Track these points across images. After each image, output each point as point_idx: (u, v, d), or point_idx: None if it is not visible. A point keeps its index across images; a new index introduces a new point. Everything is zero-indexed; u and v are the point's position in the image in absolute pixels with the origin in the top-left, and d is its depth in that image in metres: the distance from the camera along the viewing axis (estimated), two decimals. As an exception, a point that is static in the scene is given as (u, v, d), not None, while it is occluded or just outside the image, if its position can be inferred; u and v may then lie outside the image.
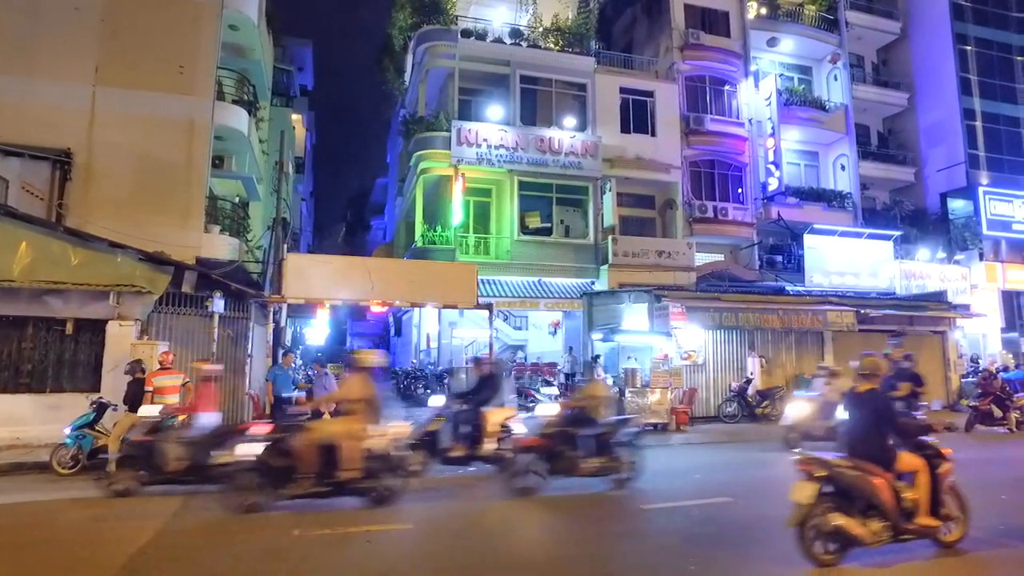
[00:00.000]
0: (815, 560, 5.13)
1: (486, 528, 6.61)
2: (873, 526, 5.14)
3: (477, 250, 19.98)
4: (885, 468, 5.28)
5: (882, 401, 5.61)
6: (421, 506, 7.23)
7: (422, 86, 21.28)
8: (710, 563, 5.35)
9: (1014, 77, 27.39)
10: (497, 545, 6.01)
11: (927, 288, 22.56)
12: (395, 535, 6.24)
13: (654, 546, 5.92)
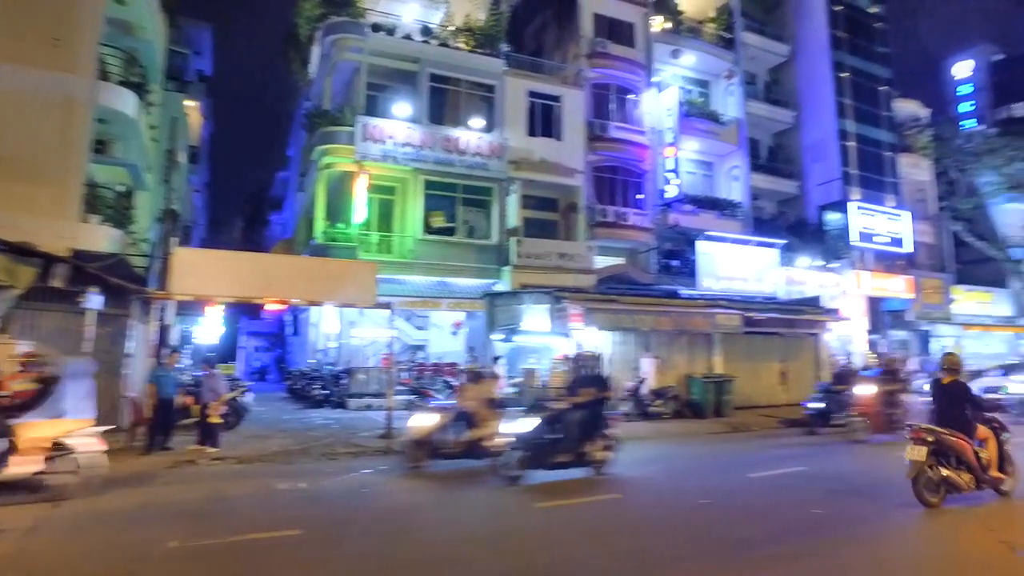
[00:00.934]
0: (926, 503, 6.97)
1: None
2: (965, 477, 7.15)
3: (380, 248, 19.69)
4: (968, 436, 7.26)
5: (965, 388, 7.58)
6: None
7: (328, 79, 20.74)
8: (604, 558, 5.55)
9: (879, 104, 29.96)
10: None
11: (805, 293, 24.22)
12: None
13: (550, 542, 6.05)
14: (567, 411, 8.96)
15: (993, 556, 5.57)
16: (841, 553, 5.64)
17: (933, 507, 6.96)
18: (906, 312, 28.59)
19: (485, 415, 9.52)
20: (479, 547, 5.88)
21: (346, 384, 18.53)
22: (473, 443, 9.37)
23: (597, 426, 9.12)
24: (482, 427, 9.43)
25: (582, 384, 9.59)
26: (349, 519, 6.82)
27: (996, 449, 7.47)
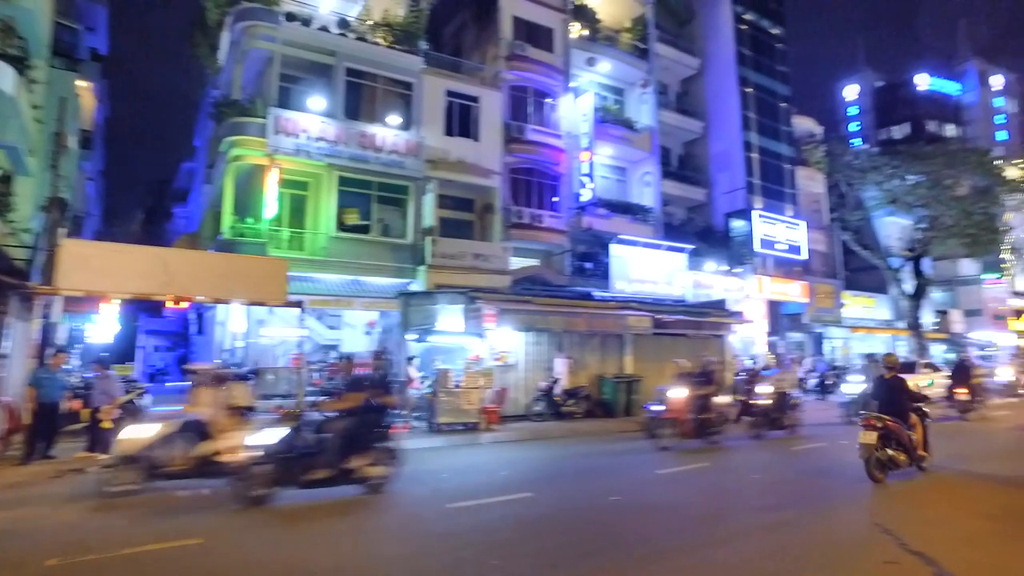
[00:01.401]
0: (876, 479, 8.34)
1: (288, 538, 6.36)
2: (902, 457, 8.68)
3: (291, 245, 19.09)
4: (905, 422, 8.79)
5: (902, 382, 9.15)
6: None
7: (238, 67, 19.89)
8: (513, 557, 5.59)
9: (779, 119, 31.82)
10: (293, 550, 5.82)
11: (712, 296, 25.36)
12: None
13: (461, 543, 6.04)
14: (330, 420, 7.84)
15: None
16: (740, 547, 5.92)
17: (880, 482, 8.37)
18: (802, 315, 30.43)
19: (223, 424, 8.15)
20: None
21: (254, 386, 17.82)
22: (206, 458, 7.93)
23: (368, 437, 7.87)
24: (219, 439, 8.01)
25: (353, 387, 8.25)
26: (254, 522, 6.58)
27: (922, 433, 9.16)
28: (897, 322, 35.49)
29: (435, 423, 14.09)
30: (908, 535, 5.80)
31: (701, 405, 12.28)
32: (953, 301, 42.06)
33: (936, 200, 29.96)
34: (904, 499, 7.79)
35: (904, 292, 32.62)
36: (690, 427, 12.03)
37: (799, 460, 10.76)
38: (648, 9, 28.53)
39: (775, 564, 5.33)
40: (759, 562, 5.39)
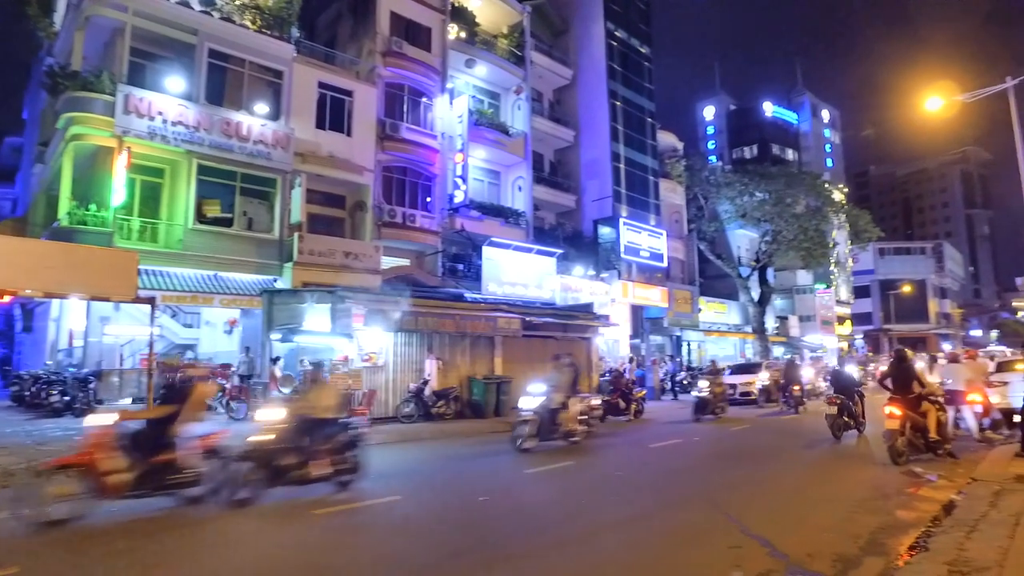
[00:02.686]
0: (837, 438, 11.75)
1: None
2: (852, 422, 12.24)
3: (142, 236, 17.61)
4: (852, 399, 12.73)
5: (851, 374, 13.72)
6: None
7: (79, 34, 17.96)
8: (380, 561, 5.46)
9: (645, 133, 33.69)
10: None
11: (580, 300, 26.30)
12: None
13: (326, 550, 5.81)
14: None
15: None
16: (602, 542, 6.17)
17: (839, 440, 11.83)
18: (663, 319, 32.33)
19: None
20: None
21: (94, 389, 16.25)
22: None
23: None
24: None
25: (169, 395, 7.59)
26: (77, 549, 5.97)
27: (862, 407, 12.83)
28: (745, 326, 38.68)
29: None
30: (751, 522, 6.32)
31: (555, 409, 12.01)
32: (792, 308, 46.55)
33: (778, 216, 33.05)
34: (749, 488, 8.48)
35: (752, 299, 35.65)
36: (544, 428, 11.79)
37: (657, 456, 11.39)
38: (525, 17, 29.16)
39: (632, 555, 5.61)
40: (617, 555, 5.64)
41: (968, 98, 18.94)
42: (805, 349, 42.19)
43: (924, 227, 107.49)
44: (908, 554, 5.24)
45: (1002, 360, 17.40)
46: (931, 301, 66.14)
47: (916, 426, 9.41)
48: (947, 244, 76.90)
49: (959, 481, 8.13)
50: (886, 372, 10.38)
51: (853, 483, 8.44)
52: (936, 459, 9.53)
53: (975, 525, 5.77)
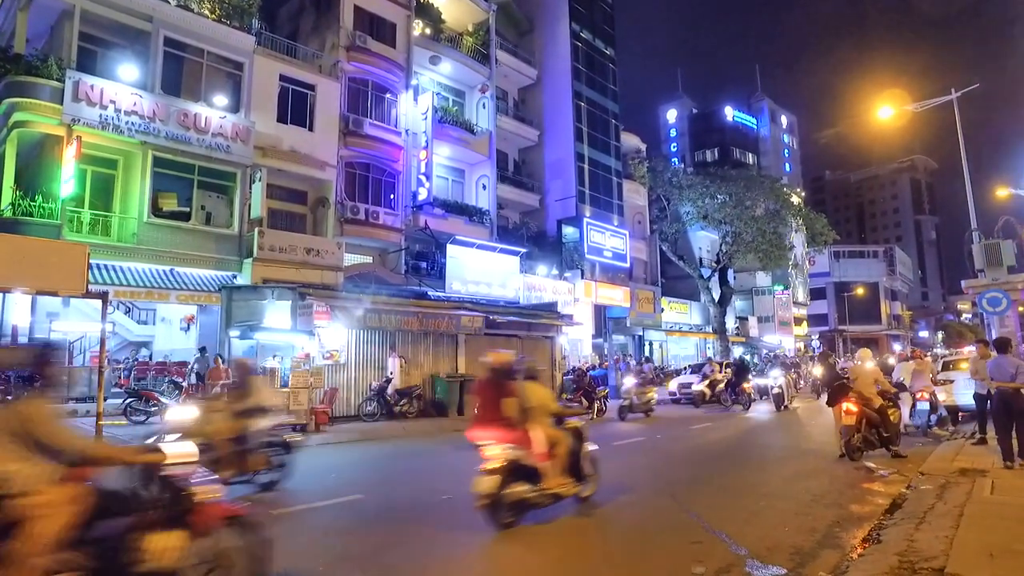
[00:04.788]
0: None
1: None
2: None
3: (94, 229, 17.01)
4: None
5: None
6: None
7: (22, 15, 17.20)
8: (340, 561, 5.36)
9: (609, 134, 33.98)
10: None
11: (543, 299, 26.37)
12: None
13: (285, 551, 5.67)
14: None
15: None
16: (564, 539, 6.18)
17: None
18: (625, 319, 32.63)
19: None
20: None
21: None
22: None
23: None
24: None
25: None
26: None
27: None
28: (706, 326, 39.31)
29: (258, 425, 13.24)
30: (711, 518, 6.41)
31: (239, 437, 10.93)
32: (751, 309, 47.53)
33: (738, 218, 33.65)
34: (710, 484, 8.61)
35: (712, 300, 36.25)
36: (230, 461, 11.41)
37: (619, 454, 11.47)
38: (491, 16, 29.11)
39: (594, 551, 5.65)
40: (580, 551, 5.66)
41: (917, 108, 19.61)
42: (765, 349, 43.15)
43: (876, 231, 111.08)
44: (862, 546, 5.38)
45: (947, 359, 18.12)
46: (883, 303, 68.33)
47: (871, 422, 9.67)
48: (898, 248, 79.55)
49: (909, 475, 8.39)
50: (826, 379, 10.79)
51: (810, 478, 8.63)
52: (888, 454, 9.81)
53: (923, 517, 5.96)
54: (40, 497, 3.29)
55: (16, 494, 3.26)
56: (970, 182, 17.77)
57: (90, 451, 3.60)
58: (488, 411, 6.65)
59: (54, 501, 3.32)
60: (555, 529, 6.28)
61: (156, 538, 3.56)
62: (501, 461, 6.21)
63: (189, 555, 3.69)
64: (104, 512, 3.50)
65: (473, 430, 6.75)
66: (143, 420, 14.60)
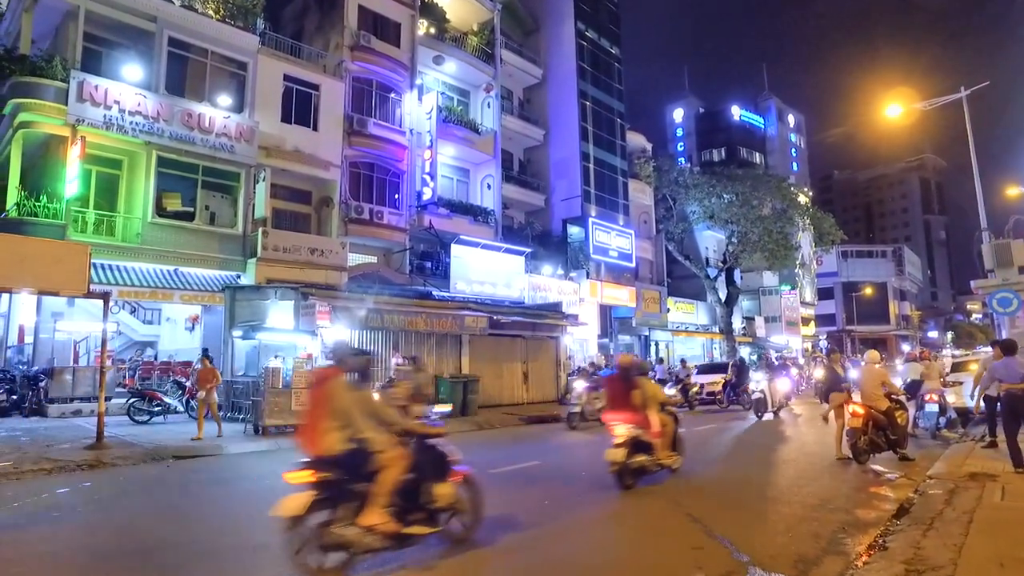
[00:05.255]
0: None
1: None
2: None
3: (98, 230, 17.04)
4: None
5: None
6: None
7: (27, 16, 17.25)
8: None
9: (614, 133, 33.82)
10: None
11: (548, 299, 26.26)
12: None
13: (279, 555, 5.61)
14: None
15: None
16: (563, 543, 6.08)
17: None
18: (631, 319, 32.48)
19: None
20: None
21: (45, 387, 15.72)
22: None
23: None
24: None
25: None
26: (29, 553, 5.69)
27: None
28: (713, 327, 39.10)
29: (261, 425, 13.21)
30: (713, 522, 6.30)
31: None
32: (758, 309, 47.25)
33: (744, 218, 33.46)
34: (712, 488, 8.49)
35: (719, 299, 36.06)
36: None
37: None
38: (496, 15, 29.02)
39: (593, 556, 5.54)
40: (578, 555, 5.56)
41: (925, 106, 19.41)
42: (772, 349, 42.88)
43: (885, 231, 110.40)
44: (867, 554, 5.26)
45: (957, 360, 17.85)
46: (892, 303, 67.88)
47: (878, 424, 9.52)
48: (907, 248, 79.03)
49: (917, 479, 8.25)
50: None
51: (815, 482, 8.50)
52: (895, 457, 9.66)
53: (931, 523, 5.83)
54: (389, 453, 4.94)
55: (378, 451, 4.88)
56: (980, 181, 17.57)
57: (406, 426, 5.35)
58: (617, 400, 8.45)
59: (396, 456, 4.99)
60: (554, 535, 6.19)
61: (438, 486, 5.32)
62: (626, 437, 7.99)
63: (453, 500, 5.45)
64: (411, 468, 5.13)
65: (606, 414, 8.66)
66: (146, 420, 14.59)
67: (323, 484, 4.69)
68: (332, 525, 4.70)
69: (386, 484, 4.87)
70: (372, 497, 4.84)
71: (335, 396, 4.86)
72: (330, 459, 4.75)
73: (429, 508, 5.27)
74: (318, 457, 4.77)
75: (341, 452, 4.78)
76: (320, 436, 4.79)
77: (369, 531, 4.79)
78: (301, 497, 4.61)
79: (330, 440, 4.77)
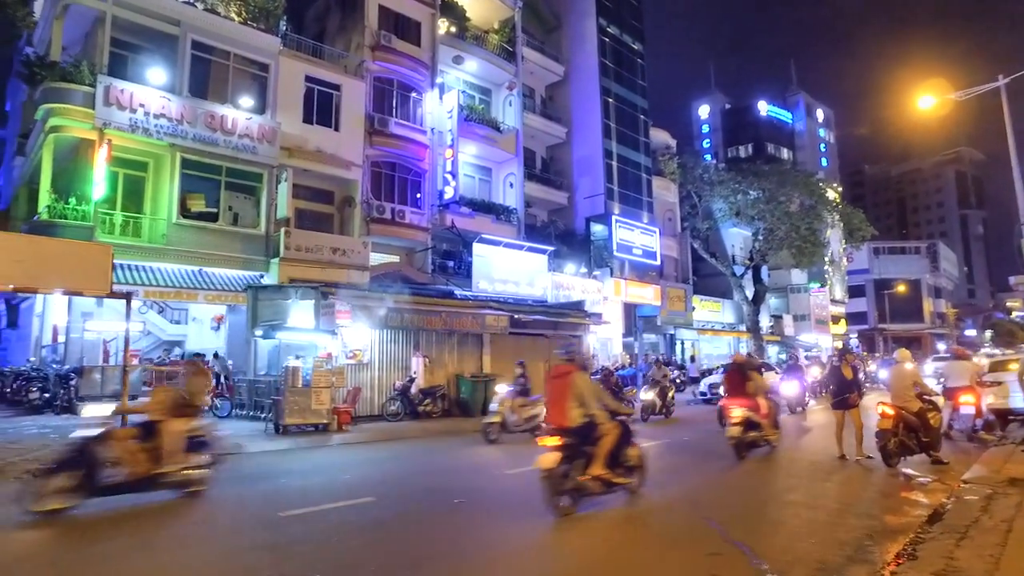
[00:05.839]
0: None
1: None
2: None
3: (125, 231, 17.33)
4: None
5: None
6: None
7: (58, 23, 17.61)
8: (339, 569, 5.19)
9: (637, 130, 33.42)
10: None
11: (571, 298, 26.02)
12: None
13: (285, 555, 5.53)
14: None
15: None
16: (576, 547, 5.92)
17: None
18: (656, 318, 32.09)
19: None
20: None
21: (75, 386, 15.97)
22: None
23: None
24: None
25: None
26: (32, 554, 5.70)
27: None
28: (740, 325, 38.47)
29: (281, 424, 13.25)
30: (732, 526, 6.08)
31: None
32: (786, 307, 46.38)
33: (771, 214, 32.82)
34: (732, 490, 8.25)
35: (746, 298, 35.45)
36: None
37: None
38: (517, 13, 28.88)
39: (607, 562, 5.37)
40: (592, 561, 5.39)
41: (961, 96, 18.74)
42: (801, 348, 42.04)
43: (919, 227, 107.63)
44: (895, 563, 4.99)
45: (995, 360, 17.16)
46: (926, 301, 66.19)
47: (909, 426, 9.17)
48: (942, 244, 76.93)
49: (951, 484, 7.90)
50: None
51: (841, 486, 8.20)
52: (928, 460, 9.30)
53: (966, 532, 5.53)
54: (608, 425, 6.86)
55: (601, 424, 6.80)
56: (1020, 173, 16.92)
57: (614, 407, 7.38)
58: (734, 389, 10.79)
59: (613, 428, 6.89)
60: (555, 542, 6.03)
61: (630, 449, 7.24)
62: (741, 418, 10.12)
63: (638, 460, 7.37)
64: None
65: (724, 401, 11.13)
66: (169, 419, 14.73)
67: (565, 447, 6.64)
68: (569, 476, 6.61)
69: (605, 447, 6.80)
70: (596, 456, 6.74)
71: (576, 384, 6.80)
72: (570, 429, 6.73)
73: (626, 465, 7.14)
74: (562, 428, 6.76)
75: (578, 424, 6.75)
76: (564, 413, 6.78)
77: (594, 479, 6.73)
78: (552, 455, 6.59)
79: (572, 416, 6.74)
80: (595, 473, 6.67)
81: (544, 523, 6.37)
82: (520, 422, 12.95)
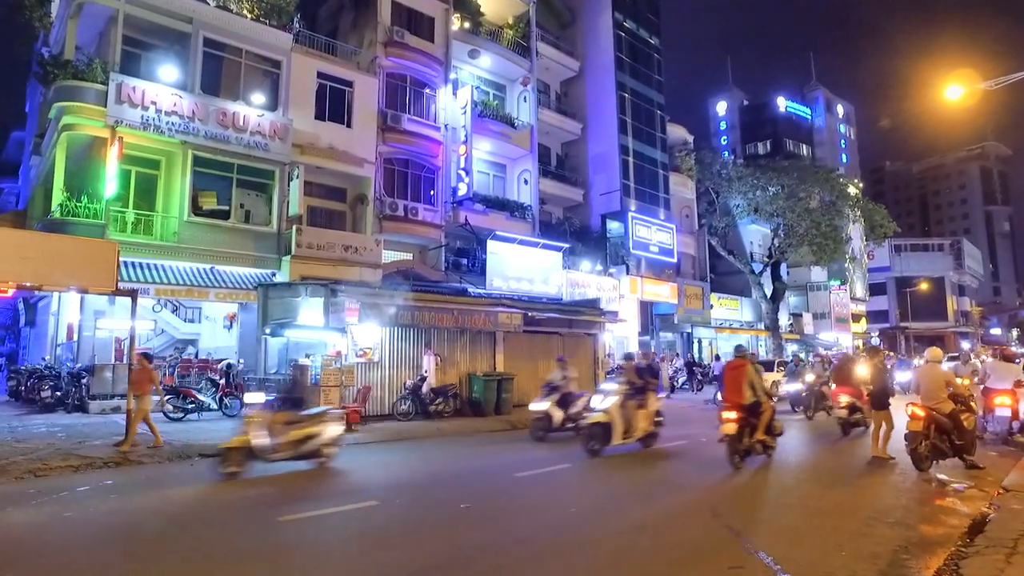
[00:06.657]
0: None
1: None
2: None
3: (136, 229, 17.25)
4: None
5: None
6: None
7: (72, 23, 17.60)
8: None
9: (654, 126, 32.93)
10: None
11: (587, 295, 25.65)
12: None
13: (279, 564, 5.28)
14: None
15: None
16: (587, 558, 5.60)
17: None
18: (673, 316, 31.62)
19: None
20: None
21: (87, 384, 15.92)
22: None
23: None
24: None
25: None
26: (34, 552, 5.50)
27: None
28: (758, 323, 37.85)
29: (290, 424, 13.02)
30: (755, 536, 5.73)
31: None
32: (805, 305, 45.61)
33: (790, 211, 32.18)
34: (755, 496, 7.88)
35: (764, 295, 34.83)
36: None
37: (658, 458, 10.80)
38: (531, 8, 28.55)
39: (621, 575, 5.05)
40: (604, 573, 5.08)
41: (991, 85, 18.04)
42: (821, 347, 41.30)
43: (941, 224, 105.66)
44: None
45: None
46: (949, 299, 64.86)
47: (941, 428, 8.73)
48: (966, 241, 75.35)
49: (990, 491, 7.46)
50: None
51: (870, 492, 7.80)
52: (962, 465, 8.85)
53: (1015, 546, 5.10)
54: (768, 404, 9.62)
55: (764, 402, 9.49)
56: (1050, 166, 16.30)
57: (768, 391, 10.02)
58: (843, 380, 13.24)
59: (770, 406, 9.72)
60: (565, 552, 5.71)
61: (775, 422, 9.90)
62: (848, 403, 12.72)
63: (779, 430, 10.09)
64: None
65: (836, 390, 13.42)
66: (181, 417, 14.59)
67: (740, 419, 9.18)
68: (742, 439, 9.21)
69: (766, 419, 9.49)
70: (759, 425, 9.37)
71: (749, 373, 9.45)
72: (744, 406, 9.30)
73: (774, 434, 9.79)
74: (739, 404, 9.29)
75: (749, 403, 9.33)
76: (740, 393, 9.38)
77: (758, 443, 9.40)
78: (732, 424, 9.12)
79: (746, 396, 9.34)
80: (759, 438, 9.35)
81: (552, 533, 6.06)
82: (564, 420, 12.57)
